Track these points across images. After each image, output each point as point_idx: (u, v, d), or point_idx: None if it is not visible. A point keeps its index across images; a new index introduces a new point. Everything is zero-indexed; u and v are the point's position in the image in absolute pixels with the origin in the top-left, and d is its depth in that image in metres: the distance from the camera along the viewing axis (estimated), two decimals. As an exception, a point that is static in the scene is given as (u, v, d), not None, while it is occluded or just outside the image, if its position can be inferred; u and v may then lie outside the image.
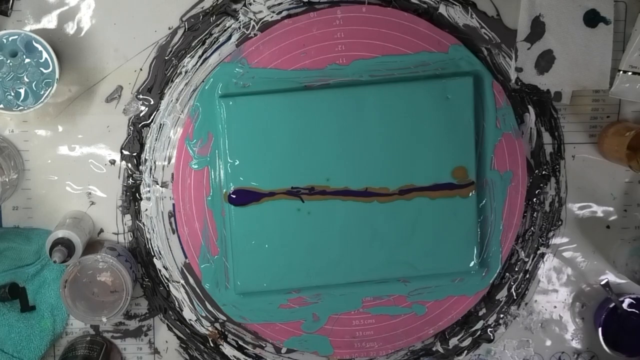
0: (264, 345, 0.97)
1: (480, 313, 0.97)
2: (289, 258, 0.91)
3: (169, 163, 0.93)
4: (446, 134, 0.90)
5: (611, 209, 0.97)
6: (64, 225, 0.88)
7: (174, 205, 0.93)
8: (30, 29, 0.89)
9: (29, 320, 0.91)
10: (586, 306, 0.98)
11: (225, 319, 0.95)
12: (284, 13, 0.91)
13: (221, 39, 0.91)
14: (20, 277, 0.91)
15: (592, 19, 0.91)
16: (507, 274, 0.97)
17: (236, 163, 0.90)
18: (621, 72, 0.93)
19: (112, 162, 0.93)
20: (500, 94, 0.93)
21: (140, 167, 0.93)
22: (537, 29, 0.92)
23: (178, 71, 0.91)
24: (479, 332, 0.98)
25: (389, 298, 0.95)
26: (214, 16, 0.91)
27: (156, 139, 0.92)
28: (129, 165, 0.93)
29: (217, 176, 0.91)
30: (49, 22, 0.90)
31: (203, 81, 0.91)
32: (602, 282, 0.96)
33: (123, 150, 0.92)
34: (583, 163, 0.96)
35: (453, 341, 0.98)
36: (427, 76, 0.91)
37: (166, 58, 0.91)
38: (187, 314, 0.95)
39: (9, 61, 0.84)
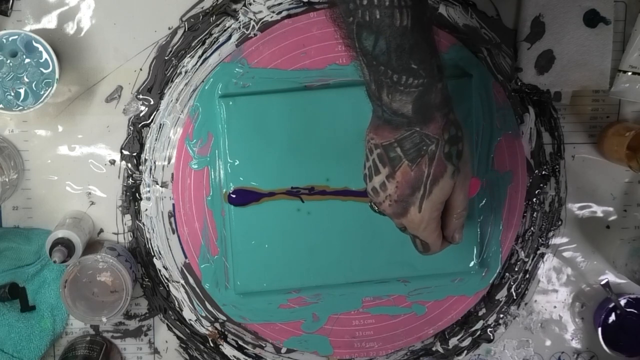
0: (263, 345, 0.97)
1: (480, 313, 0.97)
2: (289, 258, 0.91)
3: (168, 163, 0.92)
4: (446, 134, 0.90)
5: (611, 209, 0.97)
6: (64, 225, 0.88)
7: (173, 205, 0.93)
8: (30, 29, 0.89)
9: (29, 320, 0.91)
10: (586, 306, 0.98)
11: (225, 319, 0.95)
12: (284, 13, 0.91)
13: (221, 39, 0.91)
14: (20, 277, 0.91)
15: (592, 19, 0.91)
16: (507, 274, 0.97)
17: (236, 163, 0.90)
18: (621, 72, 0.93)
19: (112, 162, 0.93)
20: (500, 94, 0.93)
21: (140, 167, 0.93)
22: (537, 29, 0.91)
23: (178, 71, 0.91)
24: (478, 332, 0.98)
25: (388, 298, 0.95)
26: (214, 16, 0.91)
27: (156, 139, 0.92)
28: (129, 165, 0.93)
29: (217, 176, 0.91)
30: (49, 22, 0.90)
31: (203, 81, 0.91)
32: (602, 282, 0.96)
33: (123, 150, 0.92)
34: (583, 163, 0.96)
35: (453, 341, 0.98)
36: (427, 76, 0.91)
37: (166, 58, 0.91)
38: (187, 314, 0.95)
39: (9, 61, 0.84)
